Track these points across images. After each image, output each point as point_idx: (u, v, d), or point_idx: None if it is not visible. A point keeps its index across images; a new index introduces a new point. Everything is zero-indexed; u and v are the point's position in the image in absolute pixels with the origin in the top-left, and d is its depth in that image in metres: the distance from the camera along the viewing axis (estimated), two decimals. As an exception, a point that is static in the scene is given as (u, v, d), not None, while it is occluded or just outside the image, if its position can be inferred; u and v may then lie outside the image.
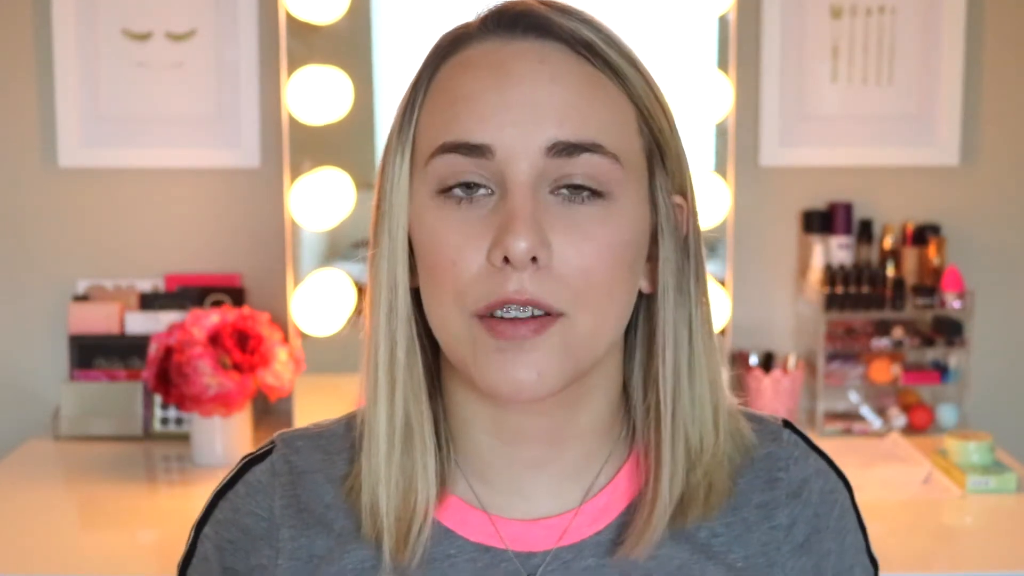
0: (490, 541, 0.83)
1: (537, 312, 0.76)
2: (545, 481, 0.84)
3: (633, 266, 0.80)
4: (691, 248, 0.83)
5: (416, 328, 0.81)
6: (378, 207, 0.81)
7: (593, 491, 0.85)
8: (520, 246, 0.74)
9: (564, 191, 0.77)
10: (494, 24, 0.80)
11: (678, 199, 0.83)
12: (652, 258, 0.83)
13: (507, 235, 0.74)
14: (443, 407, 0.85)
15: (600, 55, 0.79)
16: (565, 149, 0.76)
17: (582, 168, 0.77)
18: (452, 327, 0.78)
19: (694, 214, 0.83)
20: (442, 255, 0.77)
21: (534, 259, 0.75)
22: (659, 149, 0.81)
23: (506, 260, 0.75)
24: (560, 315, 0.76)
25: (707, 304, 0.84)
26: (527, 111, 0.76)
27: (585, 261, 0.76)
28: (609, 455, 0.86)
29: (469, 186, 0.77)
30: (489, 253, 0.76)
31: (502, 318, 0.76)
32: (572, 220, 0.77)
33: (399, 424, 0.81)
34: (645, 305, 0.84)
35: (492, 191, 0.77)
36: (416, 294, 0.81)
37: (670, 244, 0.81)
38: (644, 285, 0.83)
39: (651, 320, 0.84)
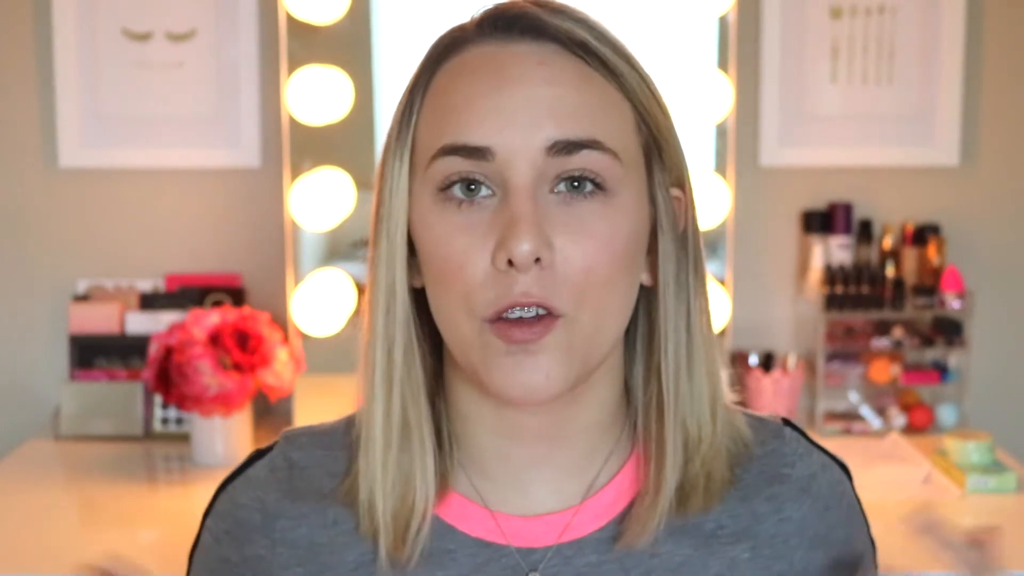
0: (491, 537, 0.84)
1: (541, 311, 0.76)
2: (546, 477, 0.84)
3: (634, 261, 0.80)
4: (689, 241, 0.83)
5: (415, 329, 0.82)
6: (377, 210, 0.82)
7: (595, 488, 0.85)
8: (523, 249, 0.74)
9: (564, 187, 0.77)
10: (490, 27, 0.80)
11: (676, 192, 0.83)
12: (652, 252, 0.83)
13: (510, 238, 0.75)
14: (445, 405, 0.85)
15: (595, 54, 0.79)
16: (565, 148, 0.77)
17: (582, 164, 0.77)
18: (462, 331, 0.78)
19: (692, 206, 0.84)
20: (451, 260, 0.77)
21: (538, 260, 0.75)
22: (656, 145, 0.82)
23: (510, 263, 0.75)
24: (561, 316, 0.77)
25: (705, 297, 0.84)
26: (526, 113, 0.77)
27: (588, 259, 0.77)
28: (611, 452, 0.86)
29: (471, 187, 0.78)
30: (493, 257, 0.76)
31: (508, 318, 0.76)
32: (573, 218, 0.77)
33: (396, 424, 0.81)
34: (645, 299, 0.85)
35: (493, 192, 0.78)
36: (416, 294, 0.82)
37: (669, 238, 0.82)
38: (645, 278, 0.83)
39: (651, 314, 0.84)
